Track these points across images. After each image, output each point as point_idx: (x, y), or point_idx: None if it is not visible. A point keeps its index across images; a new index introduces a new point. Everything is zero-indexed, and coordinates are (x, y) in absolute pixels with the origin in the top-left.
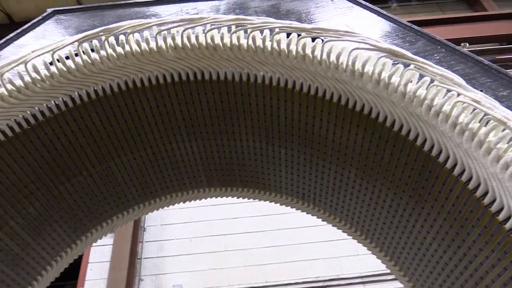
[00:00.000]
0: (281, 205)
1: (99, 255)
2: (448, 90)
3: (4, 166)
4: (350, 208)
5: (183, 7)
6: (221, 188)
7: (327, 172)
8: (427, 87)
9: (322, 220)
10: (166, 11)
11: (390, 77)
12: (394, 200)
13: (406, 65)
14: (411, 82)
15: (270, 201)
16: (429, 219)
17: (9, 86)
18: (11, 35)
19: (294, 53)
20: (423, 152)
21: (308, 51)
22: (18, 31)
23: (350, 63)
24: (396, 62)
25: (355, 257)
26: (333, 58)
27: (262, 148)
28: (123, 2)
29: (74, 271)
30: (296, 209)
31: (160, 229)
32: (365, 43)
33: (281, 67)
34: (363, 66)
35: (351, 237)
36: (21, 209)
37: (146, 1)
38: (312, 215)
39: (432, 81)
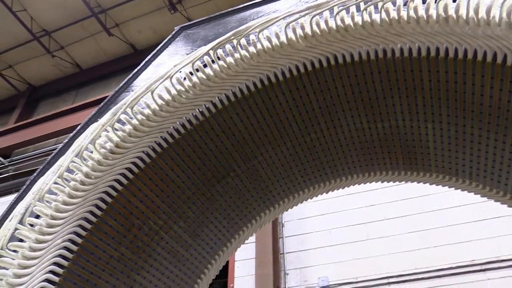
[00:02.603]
0: (430, 184)
1: (244, 253)
2: None
3: (163, 175)
4: None
5: None
6: (364, 174)
7: (485, 142)
8: None
9: (481, 196)
10: (285, 5)
11: None
12: None
13: None
14: None
15: (418, 182)
16: None
17: (159, 101)
18: (148, 57)
19: (434, 17)
20: None
21: (451, 11)
22: (154, 52)
23: (504, 15)
24: None
25: None
26: (482, 14)
27: (405, 126)
28: (241, 6)
29: (222, 269)
30: (449, 187)
31: (298, 224)
32: None
33: (421, 35)
34: None
35: None
36: (181, 214)
37: (263, 0)
38: (468, 192)
39: None
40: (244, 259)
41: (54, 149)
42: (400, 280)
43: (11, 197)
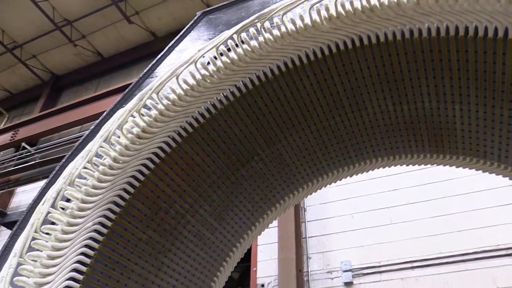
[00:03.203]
0: (457, 167)
1: (267, 238)
2: None
3: (189, 160)
4: None
5: None
6: (388, 157)
7: None
8: None
9: (510, 179)
10: None
11: None
12: None
13: None
14: None
15: (444, 165)
16: None
17: (184, 86)
18: (171, 43)
19: None
20: None
21: None
22: (176, 38)
23: None
24: None
25: None
26: None
27: (432, 108)
28: None
29: (245, 253)
30: (476, 170)
31: (320, 208)
32: None
33: (449, 14)
34: None
35: None
36: (207, 198)
37: None
38: (496, 175)
39: None
40: (267, 243)
41: (79, 137)
42: (424, 264)
43: (39, 184)
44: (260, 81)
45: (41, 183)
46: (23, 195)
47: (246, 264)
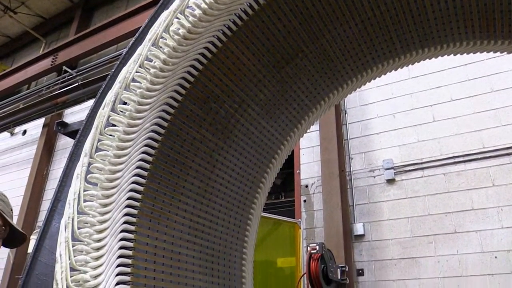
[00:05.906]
0: (508, 53)
1: (308, 142)
2: None
3: (235, 59)
4: None
5: None
6: (436, 47)
7: None
8: None
9: None
10: None
11: None
12: None
13: None
14: None
15: (495, 51)
16: None
17: None
18: None
19: None
20: None
21: None
22: None
23: None
24: None
25: None
26: None
27: None
28: None
29: (287, 159)
30: None
31: (360, 110)
32: None
33: None
34: None
35: None
36: (254, 97)
37: None
38: None
39: None
40: (309, 146)
41: (117, 56)
42: (466, 159)
43: (85, 104)
44: None
45: (87, 104)
46: (72, 116)
47: (288, 170)
